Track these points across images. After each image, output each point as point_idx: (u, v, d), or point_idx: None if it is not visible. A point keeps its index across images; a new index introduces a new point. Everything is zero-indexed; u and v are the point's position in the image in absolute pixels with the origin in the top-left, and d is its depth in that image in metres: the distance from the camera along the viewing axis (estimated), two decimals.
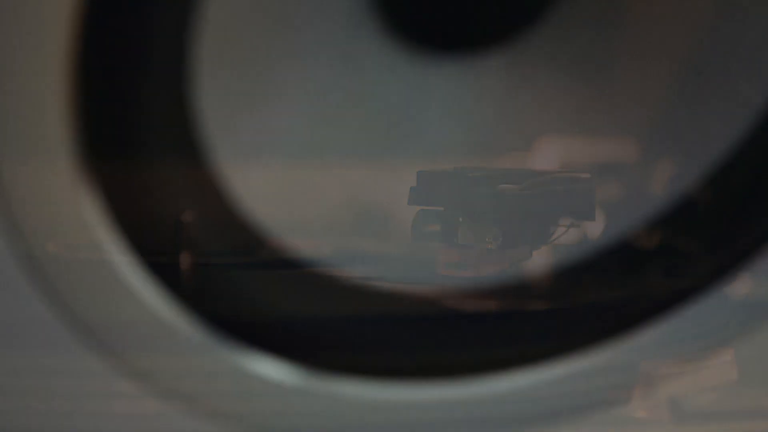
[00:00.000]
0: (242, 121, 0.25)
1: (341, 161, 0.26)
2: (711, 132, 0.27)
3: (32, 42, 0.20)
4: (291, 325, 0.26)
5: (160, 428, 0.27)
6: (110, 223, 0.23)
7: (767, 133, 0.26)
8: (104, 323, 0.24)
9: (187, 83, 0.23)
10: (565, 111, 0.28)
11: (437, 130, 0.27)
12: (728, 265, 0.27)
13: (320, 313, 0.26)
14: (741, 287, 0.28)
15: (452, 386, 0.28)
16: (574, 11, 0.27)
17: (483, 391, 0.28)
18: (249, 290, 0.25)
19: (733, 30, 0.27)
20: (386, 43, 0.27)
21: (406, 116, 0.27)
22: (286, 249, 0.25)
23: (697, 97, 0.27)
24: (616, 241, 0.28)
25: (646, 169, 0.27)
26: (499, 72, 0.28)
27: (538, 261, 0.28)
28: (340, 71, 0.26)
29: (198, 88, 0.23)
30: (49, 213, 0.22)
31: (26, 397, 0.26)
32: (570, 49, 0.28)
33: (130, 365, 0.25)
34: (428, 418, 0.28)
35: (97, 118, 0.21)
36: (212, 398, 0.26)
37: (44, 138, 0.21)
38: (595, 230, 0.28)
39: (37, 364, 0.25)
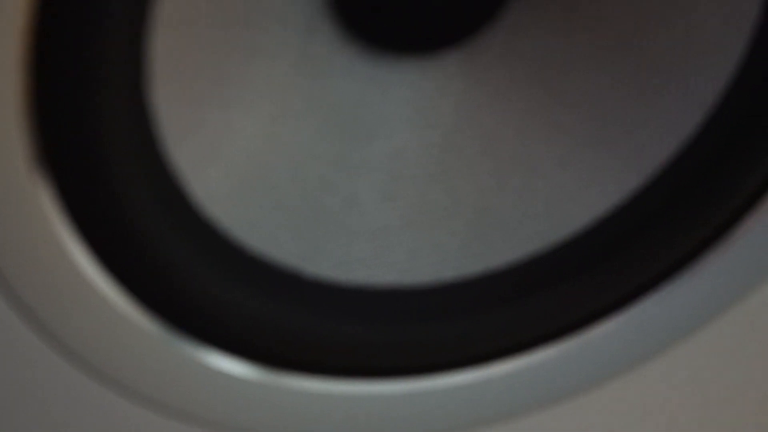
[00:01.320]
0: (200, 121, 0.25)
1: (301, 161, 0.27)
2: (665, 127, 0.27)
3: None
4: (250, 320, 0.26)
5: (119, 424, 0.27)
6: (67, 217, 0.23)
7: (719, 126, 0.27)
8: (60, 317, 0.24)
9: (143, 80, 0.23)
10: (522, 109, 0.29)
11: (395, 131, 0.28)
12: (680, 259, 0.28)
13: (280, 309, 0.26)
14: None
15: (413, 381, 0.28)
16: (529, 10, 0.28)
17: (440, 385, 0.28)
18: (208, 285, 0.25)
19: (687, 28, 0.27)
20: (344, 45, 0.27)
21: (364, 117, 0.28)
22: (246, 246, 0.25)
23: (653, 94, 0.28)
24: (574, 234, 0.28)
25: (602, 163, 0.28)
26: (455, 72, 0.28)
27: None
28: (299, 72, 0.26)
29: (155, 86, 0.23)
30: (6, 206, 0.22)
31: None
32: (525, 48, 0.28)
33: (85, 359, 0.25)
34: (389, 413, 0.29)
35: (54, 111, 0.22)
36: (170, 392, 0.26)
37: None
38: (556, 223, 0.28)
39: None
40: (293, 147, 0.27)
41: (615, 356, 0.29)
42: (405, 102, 0.28)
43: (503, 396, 0.29)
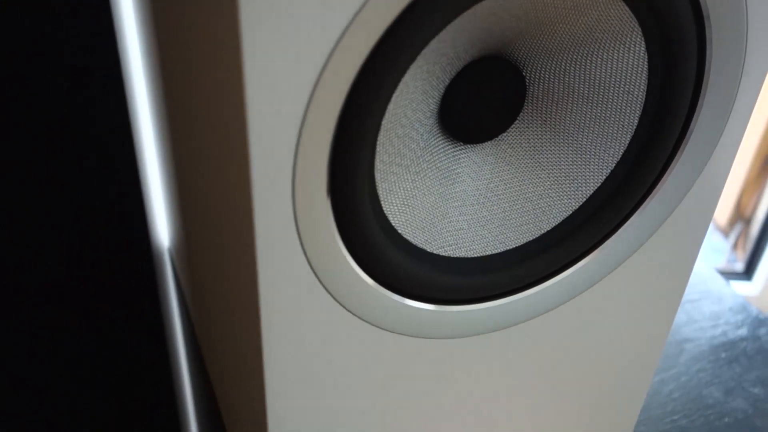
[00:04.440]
0: (391, 183, 0.38)
1: (429, 198, 0.41)
2: (589, 177, 0.43)
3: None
4: (417, 280, 0.41)
5: (366, 339, 0.42)
6: (341, 234, 0.37)
7: (614, 178, 0.42)
8: (341, 288, 0.39)
9: (373, 169, 0.37)
10: (521, 171, 0.42)
11: (464, 181, 0.41)
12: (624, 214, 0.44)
13: (425, 271, 0.41)
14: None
15: (492, 301, 0.44)
16: (526, 123, 0.41)
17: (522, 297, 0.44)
18: (400, 263, 0.40)
19: (601, 131, 0.40)
20: (443, 138, 0.40)
21: (452, 175, 0.41)
22: (411, 242, 0.41)
23: (583, 161, 0.42)
24: (546, 230, 0.43)
25: (559, 196, 0.43)
26: (490, 153, 0.41)
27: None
28: (426, 153, 0.40)
29: (377, 169, 0.37)
30: (313, 227, 0.36)
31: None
32: (524, 141, 0.42)
33: (349, 308, 0.40)
34: (485, 319, 0.44)
35: (338, 185, 0.35)
36: (389, 320, 0.42)
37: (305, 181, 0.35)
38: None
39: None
40: (424, 191, 0.40)
41: (572, 288, 0.46)
42: (468, 167, 0.41)
43: (530, 308, 0.45)
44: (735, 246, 1.44)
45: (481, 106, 0.40)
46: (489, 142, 0.42)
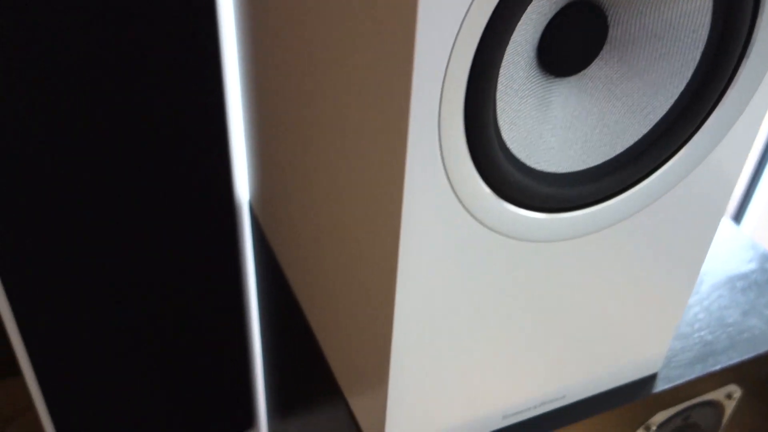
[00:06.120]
0: (503, 113, 0.45)
1: (529, 123, 0.46)
2: (657, 106, 0.48)
3: None
4: (528, 191, 0.47)
5: (485, 241, 0.48)
6: (471, 156, 0.43)
7: (675, 109, 0.48)
8: (472, 198, 0.45)
9: (496, 106, 0.43)
10: (600, 100, 0.47)
11: (557, 107, 0.47)
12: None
13: (530, 183, 0.47)
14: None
15: (581, 210, 0.49)
16: (603, 61, 0.46)
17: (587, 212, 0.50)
18: (512, 175, 0.46)
19: (665, 69, 0.47)
20: (540, 71, 0.45)
21: (547, 101, 0.46)
22: (518, 159, 0.46)
23: (651, 93, 0.47)
24: (621, 151, 0.50)
25: (631, 122, 0.49)
26: (575, 84, 0.46)
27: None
28: (529, 83, 0.45)
29: (498, 106, 0.44)
30: (452, 154, 0.42)
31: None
32: (601, 74, 0.47)
33: (478, 217, 0.45)
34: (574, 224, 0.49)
35: (471, 126, 0.42)
36: (507, 225, 0.47)
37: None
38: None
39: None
40: (525, 114, 0.46)
41: (640, 201, 0.51)
42: (557, 96, 0.47)
43: (609, 217, 0.50)
44: None
45: (570, 45, 0.44)
46: (574, 76, 0.46)
